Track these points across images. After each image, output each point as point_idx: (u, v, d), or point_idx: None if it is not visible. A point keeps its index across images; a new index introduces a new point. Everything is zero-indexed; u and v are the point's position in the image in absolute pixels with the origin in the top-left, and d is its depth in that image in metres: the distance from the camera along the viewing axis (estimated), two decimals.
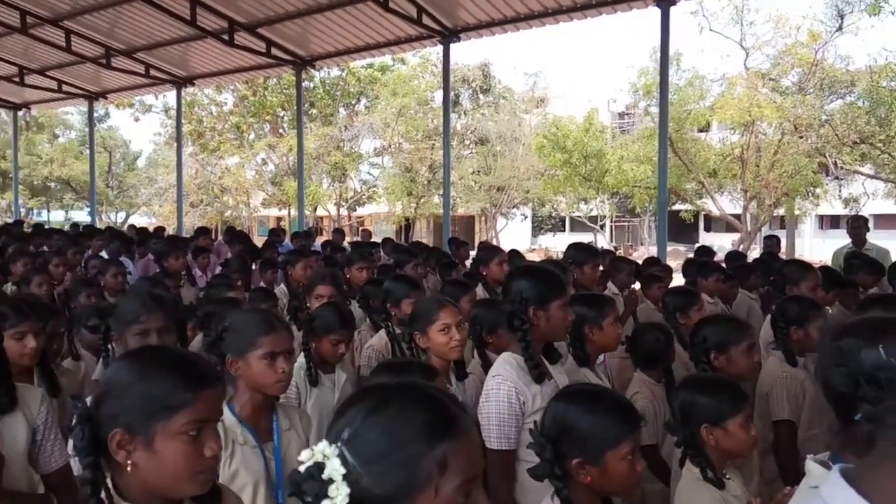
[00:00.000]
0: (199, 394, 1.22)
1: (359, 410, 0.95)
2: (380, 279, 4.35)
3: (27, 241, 8.25)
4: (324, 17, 9.78)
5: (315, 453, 0.90)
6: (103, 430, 1.19)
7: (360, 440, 0.91)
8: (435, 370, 2.11)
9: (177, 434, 1.19)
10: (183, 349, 1.37)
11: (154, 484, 1.21)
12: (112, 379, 1.25)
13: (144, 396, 1.20)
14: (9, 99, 16.60)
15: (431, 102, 23.86)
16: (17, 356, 2.23)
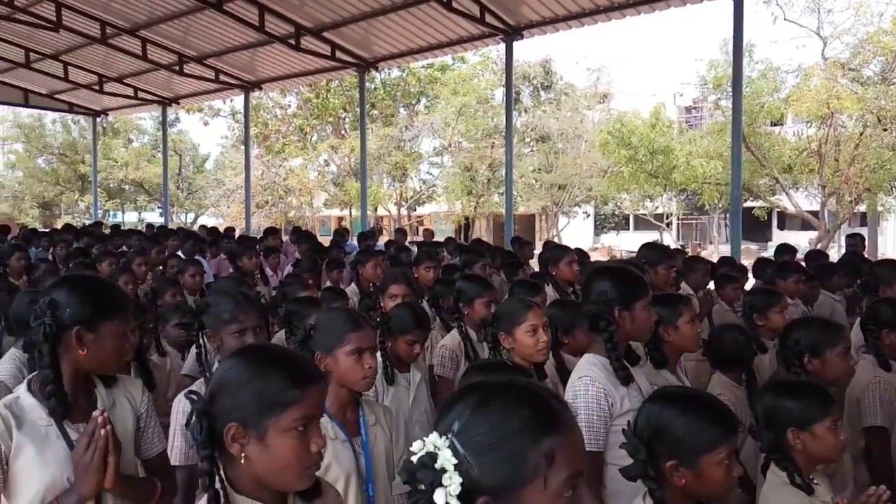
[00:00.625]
0: (306, 391, 1.27)
1: (467, 404, 1.00)
2: (449, 279, 4.36)
3: (108, 242, 8.65)
4: (387, 18, 9.89)
5: (427, 444, 0.96)
6: (218, 425, 1.25)
7: (470, 433, 0.96)
8: (529, 371, 2.10)
9: (287, 429, 1.24)
10: (288, 348, 1.42)
11: (264, 476, 1.27)
12: (225, 376, 1.30)
13: (257, 393, 1.25)
14: (89, 106, 17.50)
15: (491, 101, 23.80)
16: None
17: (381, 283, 3.81)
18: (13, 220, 27.38)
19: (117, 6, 11.20)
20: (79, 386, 1.78)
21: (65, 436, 1.71)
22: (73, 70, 14.37)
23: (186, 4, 10.48)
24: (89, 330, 1.72)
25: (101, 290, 1.80)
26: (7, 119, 31.57)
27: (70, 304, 1.73)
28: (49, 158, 31.90)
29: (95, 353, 1.73)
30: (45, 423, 1.70)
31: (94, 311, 1.74)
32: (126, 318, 1.79)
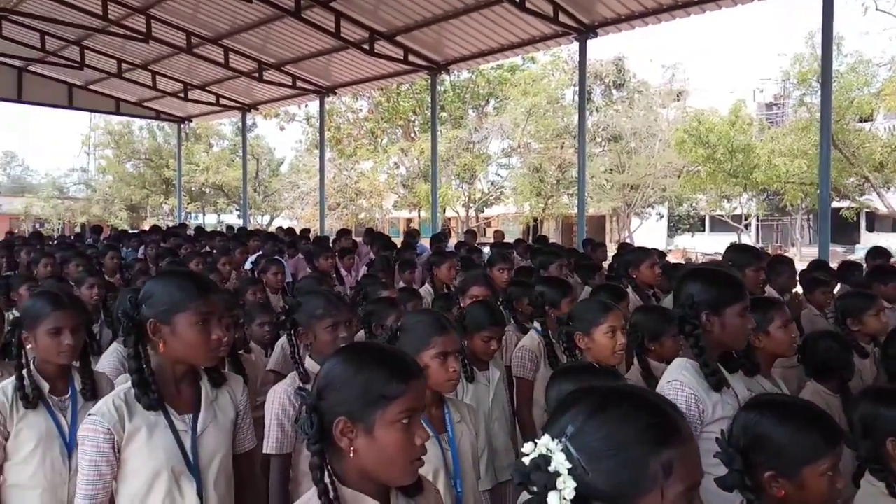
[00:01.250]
0: (409, 384, 1.31)
1: (581, 409, 1.00)
2: (524, 280, 4.34)
3: (196, 243, 9.05)
4: (459, 21, 9.94)
5: (538, 446, 0.96)
6: (327, 419, 1.30)
7: (585, 438, 0.96)
8: (617, 373, 2.07)
9: (393, 422, 1.28)
10: (389, 345, 1.46)
11: (372, 469, 1.30)
12: (332, 372, 1.34)
13: (363, 388, 1.30)
14: (174, 113, 18.39)
15: (562, 100, 23.54)
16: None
17: (461, 284, 3.83)
18: (104, 221, 29.05)
19: (202, 17, 11.72)
20: (177, 378, 1.85)
21: (171, 425, 1.80)
22: (161, 79, 15.13)
23: (266, 13, 10.86)
24: (163, 322, 1.79)
25: (175, 285, 1.85)
26: (99, 126, 33.52)
27: (145, 299, 1.82)
28: (136, 163, 33.62)
29: (174, 345, 1.80)
30: (155, 413, 1.80)
31: (167, 304, 1.80)
32: (201, 311, 1.80)
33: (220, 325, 1.82)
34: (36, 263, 6.16)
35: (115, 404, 1.78)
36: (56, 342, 2.23)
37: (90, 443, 1.74)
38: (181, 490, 1.80)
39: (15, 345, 2.25)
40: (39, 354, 2.26)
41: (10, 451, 2.18)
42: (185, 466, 1.81)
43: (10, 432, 2.18)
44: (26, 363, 2.23)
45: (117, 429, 1.75)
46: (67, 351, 2.24)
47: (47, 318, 2.23)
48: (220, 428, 1.90)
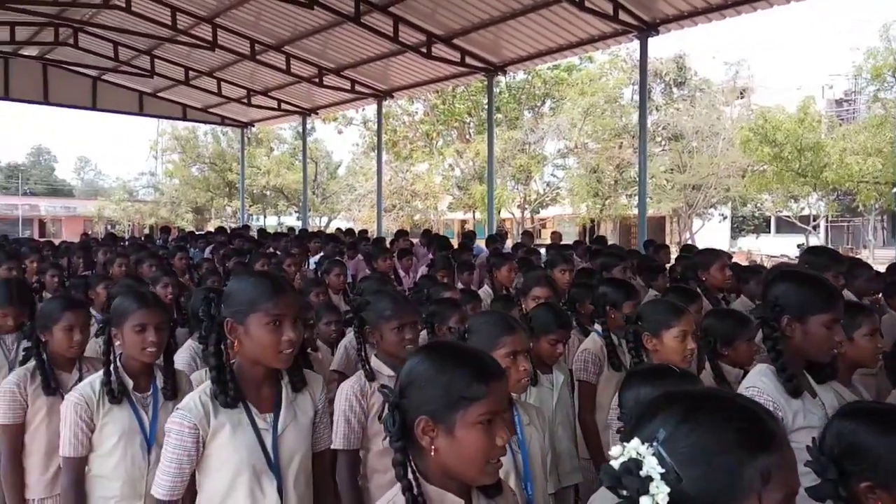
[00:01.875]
0: (490, 386, 1.30)
1: (672, 413, 0.98)
2: (586, 282, 4.28)
3: (257, 244, 9.30)
4: (516, 22, 9.91)
5: (627, 450, 0.94)
6: (409, 417, 1.31)
7: (678, 442, 0.94)
8: (696, 378, 2.02)
9: (474, 423, 1.28)
10: (471, 346, 1.46)
11: (452, 468, 1.31)
12: (414, 371, 1.36)
13: (445, 388, 1.30)
14: (238, 118, 18.96)
15: (620, 100, 23.14)
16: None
17: (522, 285, 3.81)
18: (171, 223, 30.17)
19: (265, 24, 12.05)
20: (259, 377, 1.88)
21: (253, 424, 1.84)
22: (225, 85, 15.63)
23: (327, 19, 11.07)
24: (238, 322, 1.81)
25: (250, 285, 1.86)
26: (166, 132, 34.83)
27: (224, 298, 1.87)
28: (201, 167, 34.79)
29: (247, 345, 1.82)
30: (238, 410, 1.84)
31: (241, 305, 1.82)
32: (273, 313, 1.80)
33: (292, 327, 1.81)
34: (111, 263, 6.45)
35: (202, 400, 1.83)
36: (141, 339, 2.31)
37: (174, 436, 1.80)
38: (262, 488, 1.83)
39: (104, 341, 2.36)
40: (125, 351, 2.35)
41: (95, 443, 2.28)
42: (266, 465, 1.84)
43: (97, 425, 2.27)
44: (114, 360, 2.33)
45: (202, 424, 1.80)
46: (151, 347, 2.32)
47: (133, 315, 2.32)
48: (299, 428, 1.93)
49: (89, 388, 2.30)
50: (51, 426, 2.63)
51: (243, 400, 1.86)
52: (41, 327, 2.71)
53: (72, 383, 2.68)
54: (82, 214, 40.07)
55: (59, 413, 2.62)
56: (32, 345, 2.70)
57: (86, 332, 2.75)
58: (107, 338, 2.36)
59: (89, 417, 2.26)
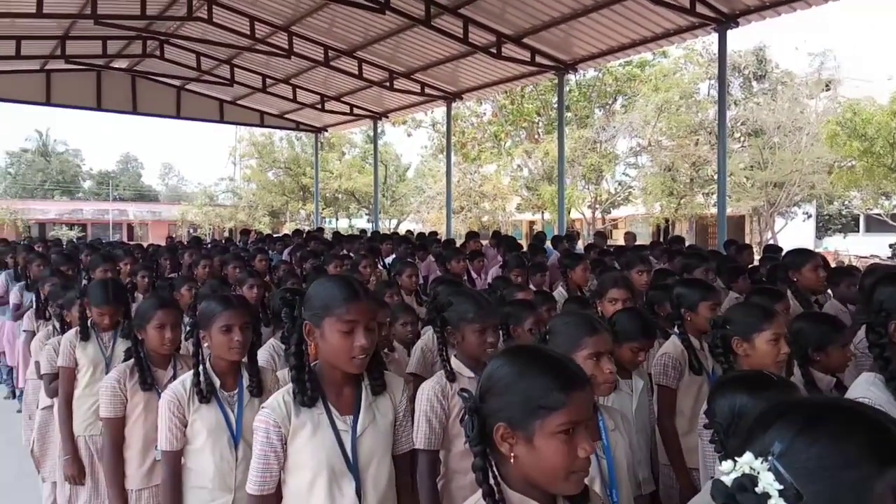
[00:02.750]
0: (570, 395, 1.25)
1: (787, 425, 0.92)
2: (664, 283, 4.16)
3: (332, 246, 9.51)
4: (588, 19, 9.75)
5: (740, 465, 0.90)
6: (489, 423, 1.28)
7: (796, 456, 0.89)
8: (795, 386, 1.92)
9: (553, 433, 1.23)
10: (555, 351, 1.42)
11: (533, 477, 1.27)
12: (494, 375, 1.32)
13: (524, 395, 1.26)
14: (312, 124, 19.48)
15: (696, 95, 22.39)
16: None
17: (598, 286, 3.74)
18: (249, 226, 31.30)
19: (338, 31, 12.33)
20: (339, 379, 1.91)
21: (332, 425, 1.87)
22: (300, 92, 16.09)
23: (398, 23, 11.22)
24: (315, 325, 1.84)
25: (326, 290, 1.87)
26: (244, 138, 36.18)
27: (305, 300, 1.89)
28: (277, 172, 35.92)
29: (323, 348, 1.85)
30: (319, 411, 1.88)
31: (318, 308, 1.84)
32: (346, 319, 1.81)
33: (364, 333, 1.82)
34: (196, 265, 6.74)
35: (285, 400, 1.88)
36: (227, 339, 2.41)
37: (261, 434, 1.85)
38: (341, 488, 1.85)
39: (193, 343, 2.47)
40: (213, 351, 2.46)
41: (189, 438, 2.40)
42: (345, 466, 1.86)
43: (188, 421, 2.39)
44: (203, 360, 2.43)
45: (284, 423, 1.84)
46: (237, 347, 2.42)
47: (219, 317, 2.42)
48: (378, 430, 1.94)
49: (181, 386, 2.42)
50: (147, 421, 2.78)
51: (324, 401, 1.89)
52: (137, 326, 2.86)
53: (166, 380, 2.82)
54: (167, 218, 42.12)
55: (154, 408, 2.76)
56: (132, 343, 2.86)
57: (177, 330, 2.89)
58: (195, 339, 2.46)
59: (182, 414, 2.37)
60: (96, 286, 3.54)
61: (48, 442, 3.88)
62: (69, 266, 6.59)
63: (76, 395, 3.38)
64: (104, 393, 2.77)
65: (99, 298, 3.42)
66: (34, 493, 4.19)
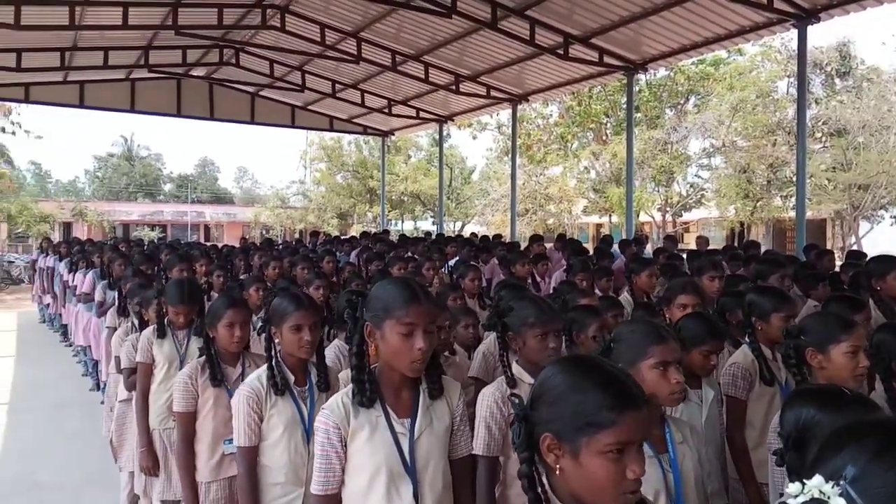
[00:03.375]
0: (623, 415, 1.20)
1: (863, 448, 0.87)
2: (737, 290, 4.00)
3: (398, 248, 9.63)
4: (659, 17, 9.50)
5: (808, 488, 0.85)
6: (536, 431, 1.25)
7: (871, 482, 0.83)
8: (875, 405, 1.82)
9: (600, 452, 1.19)
10: (614, 365, 1.37)
11: (577, 493, 1.23)
12: (546, 384, 1.29)
13: (573, 409, 1.22)
14: (379, 128, 19.79)
15: (773, 93, 21.48)
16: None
17: (666, 292, 3.63)
18: (319, 228, 32.06)
19: (405, 36, 12.49)
20: (397, 382, 1.92)
21: (390, 426, 1.88)
22: (368, 96, 16.37)
23: (464, 27, 11.26)
24: (376, 327, 1.85)
25: (388, 292, 1.89)
26: (314, 142, 37.12)
27: (367, 302, 1.91)
28: (345, 175, 36.67)
29: (383, 349, 1.86)
30: (377, 413, 1.89)
31: (379, 310, 1.85)
32: (405, 322, 1.81)
33: (423, 336, 1.82)
34: (266, 266, 6.96)
35: (343, 401, 1.90)
36: (297, 338, 2.47)
37: (321, 435, 1.89)
38: (398, 490, 1.87)
39: (266, 339, 2.55)
40: (284, 348, 2.52)
41: (264, 433, 2.46)
42: (403, 468, 1.87)
43: (265, 416, 2.45)
44: (276, 356, 2.50)
45: (343, 424, 1.87)
46: (307, 346, 2.48)
47: (290, 316, 2.49)
48: (435, 434, 1.94)
49: (257, 381, 2.49)
50: (216, 416, 2.89)
51: (382, 403, 1.90)
52: (208, 324, 2.97)
53: (235, 376, 2.92)
54: (241, 220, 43.69)
55: (223, 404, 2.87)
56: (203, 341, 2.98)
57: (245, 328, 2.99)
58: (267, 335, 2.54)
59: (259, 408, 2.44)
60: (173, 286, 3.69)
61: (125, 433, 4.08)
62: (149, 265, 6.93)
63: (152, 390, 3.54)
64: (177, 388, 2.90)
65: (175, 298, 3.57)
66: (117, 481, 4.42)
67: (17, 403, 7.48)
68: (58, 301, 10.67)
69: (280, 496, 2.43)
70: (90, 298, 7.47)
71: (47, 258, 12.35)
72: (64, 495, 4.90)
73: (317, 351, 2.56)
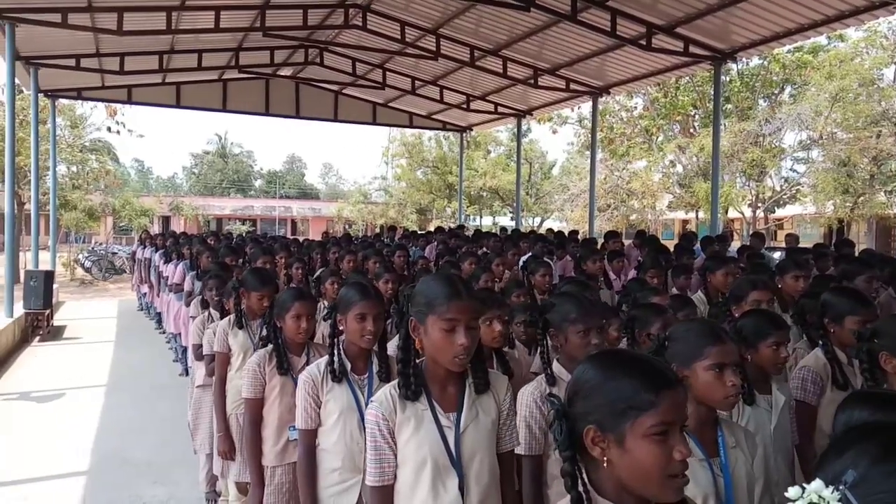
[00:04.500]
0: (661, 395, 1.22)
1: (866, 451, 0.84)
2: (818, 291, 3.78)
3: (472, 243, 9.66)
4: (748, 3, 9.04)
5: (808, 493, 0.83)
6: (578, 427, 1.27)
7: (871, 488, 0.81)
8: None
9: (645, 435, 1.21)
10: (643, 353, 1.38)
11: (628, 482, 1.25)
12: (581, 378, 1.31)
13: (612, 397, 1.24)
14: (458, 123, 19.87)
15: (879, 81, 20.02)
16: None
17: (735, 289, 3.48)
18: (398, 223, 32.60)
19: (484, 31, 12.48)
20: (443, 376, 1.94)
21: (435, 419, 1.91)
22: (447, 92, 16.48)
23: (543, 20, 11.13)
24: (420, 322, 1.89)
25: (430, 287, 1.92)
26: (396, 139, 37.74)
27: (412, 297, 1.95)
28: (425, 171, 37.10)
29: (426, 344, 1.89)
30: (423, 406, 1.92)
31: (422, 306, 1.89)
32: (447, 317, 1.83)
33: (465, 332, 1.84)
34: (342, 260, 7.15)
35: (391, 394, 1.95)
36: (361, 327, 2.54)
37: (371, 426, 1.94)
38: (444, 483, 1.89)
39: (331, 325, 2.63)
40: (347, 336, 2.59)
41: (322, 418, 2.54)
42: (448, 461, 1.89)
43: (322, 401, 2.54)
44: (338, 343, 2.58)
45: (391, 416, 1.91)
46: (369, 335, 2.54)
47: (356, 305, 2.55)
48: (480, 428, 1.95)
49: (316, 368, 2.58)
50: (282, 403, 3.01)
51: (427, 396, 1.93)
52: (277, 315, 3.10)
53: (301, 365, 3.03)
54: (325, 215, 45.04)
55: (289, 392, 2.98)
56: (269, 330, 3.10)
57: (311, 320, 3.09)
58: (333, 322, 2.62)
59: (316, 394, 2.53)
60: (250, 274, 3.87)
61: (201, 417, 4.31)
62: (234, 258, 7.27)
63: (228, 378, 3.72)
64: (246, 375, 3.04)
65: (255, 284, 3.72)
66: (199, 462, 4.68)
67: (114, 385, 8.05)
68: (153, 290, 11.38)
69: (338, 482, 2.50)
70: (180, 288, 7.93)
71: (145, 250, 13.19)
72: (151, 472, 5.24)
73: (380, 341, 2.61)
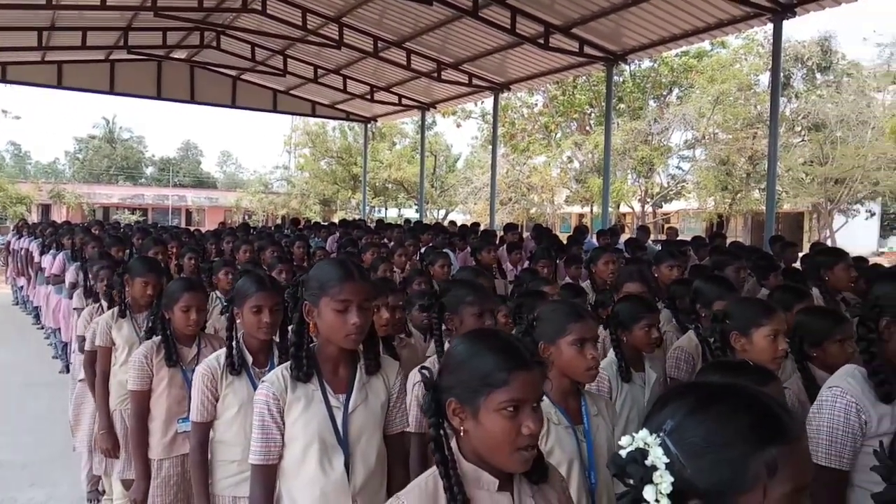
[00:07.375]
0: (513, 374, 1.31)
1: (682, 404, 0.98)
2: (688, 279, 4.10)
3: (373, 235, 9.66)
4: (639, 8, 9.56)
5: (636, 440, 0.95)
6: (443, 398, 1.36)
7: (684, 433, 0.94)
8: (773, 374, 1.93)
9: (496, 410, 1.30)
10: (512, 335, 1.50)
11: (481, 451, 1.35)
12: (451, 353, 1.42)
13: (471, 373, 1.34)
14: (362, 114, 19.73)
15: (755, 86, 21.66)
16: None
17: (616, 279, 3.72)
18: (300, 214, 31.96)
19: (388, 22, 12.45)
20: (335, 359, 1.99)
21: (325, 399, 1.96)
22: (350, 82, 16.32)
23: (446, 14, 11.25)
24: (313, 305, 1.94)
25: (323, 271, 1.98)
26: (298, 128, 36.88)
27: (304, 282, 2.00)
28: (329, 161, 36.53)
29: (320, 326, 1.94)
30: (314, 387, 1.97)
31: (315, 289, 1.94)
32: (340, 298, 1.89)
33: (357, 312, 1.90)
34: (237, 250, 6.96)
35: (283, 374, 1.98)
36: (257, 319, 2.51)
37: (261, 405, 1.96)
38: (331, 461, 1.94)
39: (227, 318, 2.58)
40: (245, 329, 2.56)
41: (219, 411, 2.51)
42: (336, 439, 1.95)
43: (220, 395, 2.50)
44: (235, 336, 2.54)
45: (282, 395, 1.95)
46: (266, 327, 2.52)
47: (251, 297, 2.52)
48: (369, 409, 2.02)
49: (215, 360, 2.53)
50: (170, 395, 2.93)
51: (319, 378, 1.98)
52: (165, 306, 3.01)
53: (190, 357, 2.96)
54: (223, 205, 43.41)
55: (177, 384, 2.91)
56: (157, 321, 3.01)
57: (202, 312, 3.02)
58: (229, 316, 2.57)
59: (214, 387, 2.49)
60: (136, 261, 3.72)
61: (83, 412, 4.11)
62: (120, 248, 6.91)
63: (113, 372, 3.56)
64: (132, 367, 2.93)
65: (140, 269, 3.57)
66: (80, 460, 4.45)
67: None
68: (31, 283, 10.61)
69: (236, 472, 2.48)
70: (60, 280, 7.45)
71: (22, 240, 12.25)
72: (25, 473, 4.92)
73: (281, 333, 2.58)
